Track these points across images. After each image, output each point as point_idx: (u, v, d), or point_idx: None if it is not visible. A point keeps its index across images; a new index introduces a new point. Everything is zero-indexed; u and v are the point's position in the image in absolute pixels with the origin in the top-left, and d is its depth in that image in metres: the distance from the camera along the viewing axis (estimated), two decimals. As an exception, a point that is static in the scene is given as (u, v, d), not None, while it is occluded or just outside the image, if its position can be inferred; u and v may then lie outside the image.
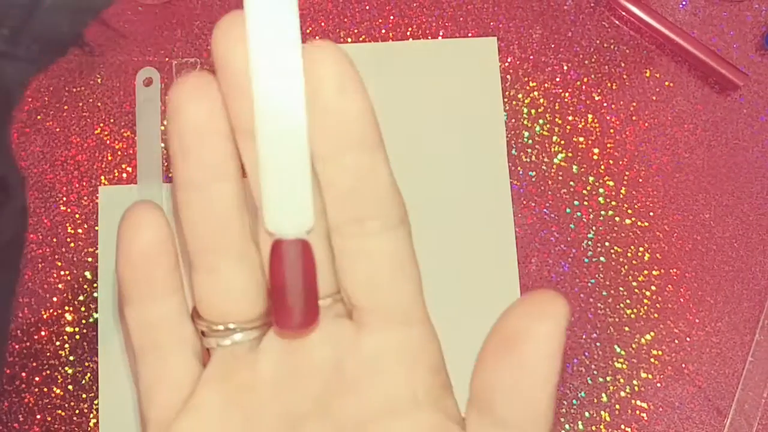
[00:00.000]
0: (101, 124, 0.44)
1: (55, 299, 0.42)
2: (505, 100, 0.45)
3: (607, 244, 0.44)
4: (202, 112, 0.24)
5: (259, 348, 0.26)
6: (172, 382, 0.26)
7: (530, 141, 0.45)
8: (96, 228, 0.43)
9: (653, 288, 0.43)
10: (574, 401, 0.42)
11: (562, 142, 0.45)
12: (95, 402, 0.41)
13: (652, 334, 0.43)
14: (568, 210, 0.44)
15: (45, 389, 0.41)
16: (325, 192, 0.25)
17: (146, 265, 0.25)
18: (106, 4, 0.25)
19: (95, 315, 0.42)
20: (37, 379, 0.41)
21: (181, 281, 0.26)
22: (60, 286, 0.42)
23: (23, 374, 0.41)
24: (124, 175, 0.43)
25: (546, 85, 0.46)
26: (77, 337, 0.42)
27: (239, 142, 0.24)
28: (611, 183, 0.44)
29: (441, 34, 0.46)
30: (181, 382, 0.26)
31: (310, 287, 0.25)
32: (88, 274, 0.42)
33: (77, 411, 0.41)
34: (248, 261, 0.26)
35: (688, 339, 0.43)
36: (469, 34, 0.46)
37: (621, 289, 0.43)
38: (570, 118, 0.45)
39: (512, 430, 0.23)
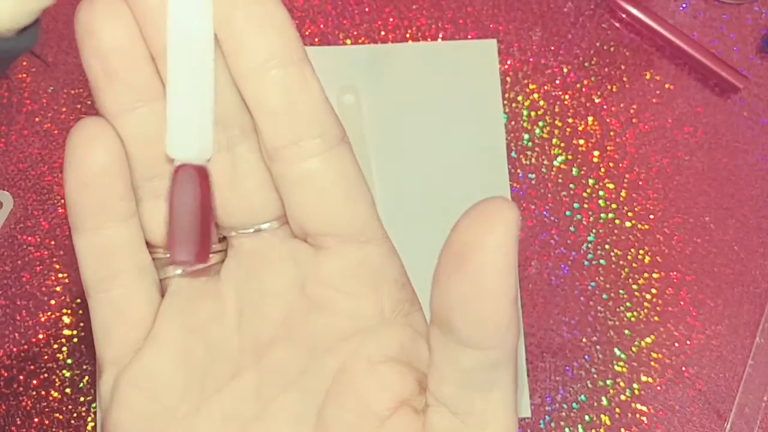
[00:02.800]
0: (99, 126, 0.44)
1: (53, 302, 0.42)
2: (505, 102, 0.45)
3: (607, 246, 0.44)
4: (123, 33, 0.22)
5: (219, 276, 0.25)
6: (133, 315, 0.24)
7: (530, 143, 0.45)
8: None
9: (653, 291, 0.43)
10: (575, 405, 0.41)
11: (562, 144, 0.45)
12: (93, 405, 0.41)
13: (653, 337, 0.42)
14: (568, 213, 0.44)
15: (43, 392, 0.41)
16: (256, 114, 0.23)
17: (101, 186, 0.23)
18: (31, 45, 0.24)
19: (93, 318, 0.42)
20: (34, 382, 0.41)
21: (135, 205, 0.24)
22: (58, 289, 0.42)
23: (21, 377, 0.41)
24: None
25: (546, 87, 0.46)
26: (75, 340, 0.41)
27: (159, 67, 0.23)
28: (611, 185, 0.44)
29: (441, 36, 0.46)
30: (142, 315, 0.24)
31: (204, 218, 0.23)
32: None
33: (75, 414, 0.41)
34: None
35: (688, 342, 0.43)
36: (469, 37, 0.46)
37: (621, 292, 0.43)
38: (570, 120, 0.45)
39: (474, 348, 0.21)
